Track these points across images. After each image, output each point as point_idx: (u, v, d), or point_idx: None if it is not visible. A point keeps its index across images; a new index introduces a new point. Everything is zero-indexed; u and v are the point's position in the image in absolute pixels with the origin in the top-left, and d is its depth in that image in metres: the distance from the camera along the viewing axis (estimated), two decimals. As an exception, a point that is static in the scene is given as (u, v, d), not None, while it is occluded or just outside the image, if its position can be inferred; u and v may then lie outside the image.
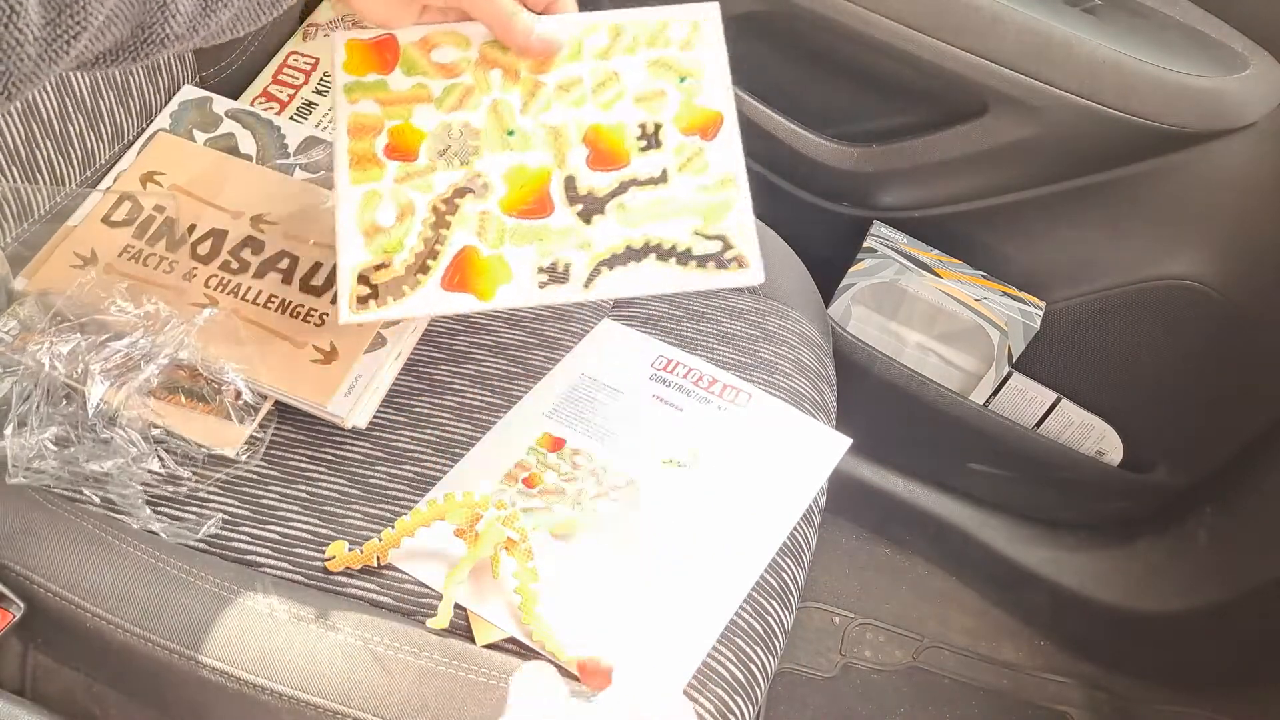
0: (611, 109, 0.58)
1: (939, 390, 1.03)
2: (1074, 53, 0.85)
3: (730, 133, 0.58)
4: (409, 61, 0.58)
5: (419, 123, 0.57)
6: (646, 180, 0.57)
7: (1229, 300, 0.93)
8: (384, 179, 0.57)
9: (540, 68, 0.58)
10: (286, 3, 0.49)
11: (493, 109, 0.58)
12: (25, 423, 0.61)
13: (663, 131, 0.58)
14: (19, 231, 0.71)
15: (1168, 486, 1.06)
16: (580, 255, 0.56)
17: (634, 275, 0.56)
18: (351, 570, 0.61)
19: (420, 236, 0.56)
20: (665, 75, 0.59)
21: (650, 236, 0.56)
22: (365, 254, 0.56)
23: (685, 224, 0.56)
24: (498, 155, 0.57)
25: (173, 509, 0.63)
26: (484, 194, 0.57)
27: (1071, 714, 1.11)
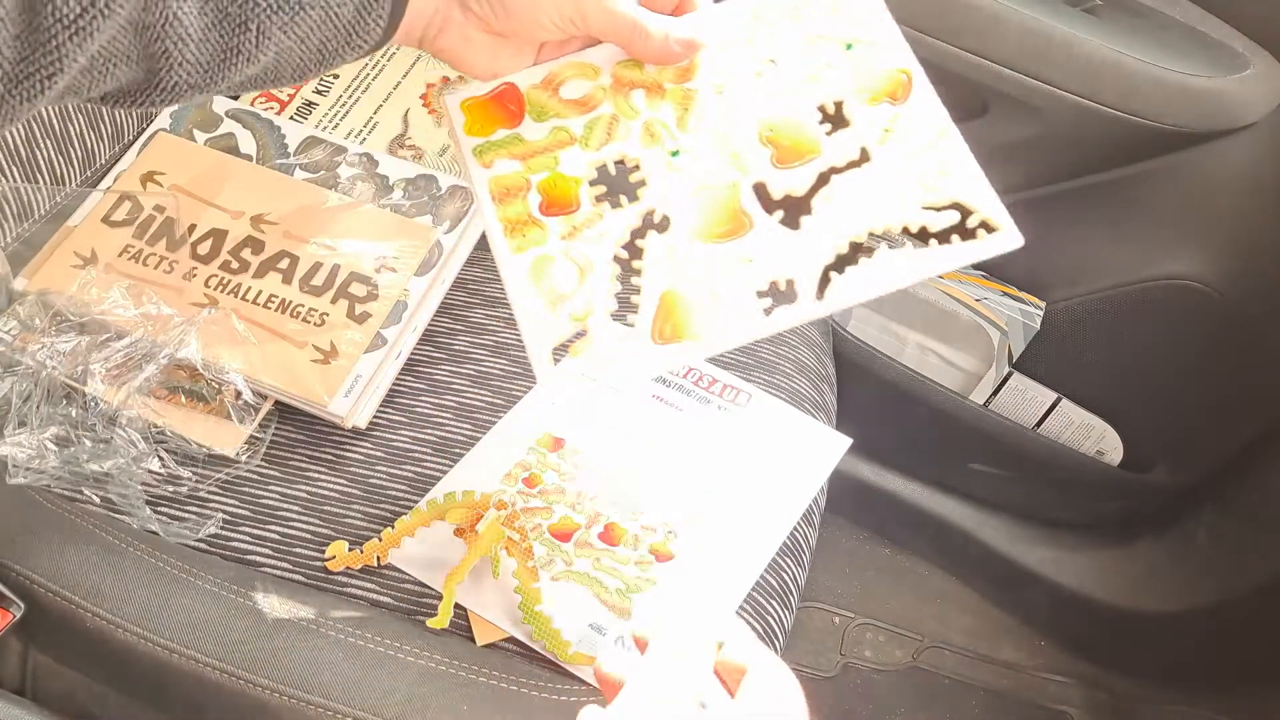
0: (780, 98, 0.50)
1: (939, 390, 1.03)
2: (1074, 53, 0.85)
3: (922, 88, 0.50)
4: (537, 106, 0.51)
5: (569, 169, 0.50)
6: (846, 165, 0.49)
7: (1229, 300, 0.93)
8: (549, 240, 0.49)
9: (685, 75, 0.51)
10: (330, 65, 0.44)
11: (646, 132, 0.50)
12: (25, 423, 0.62)
13: (846, 108, 0.50)
14: (19, 231, 0.71)
15: (1167, 486, 1.06)
16: (801, 266, 0.47)
17: (870, 273, 0.47)
18: (351, 570, 0.61)
19: (611, 293, 0.48)
20: (827, 46, 0.51)
21: (874, 225, 0.48)
22: (555, 328, 0.47)
23: (909, 200, 0.48)
24: (668, 181, 0.49)
25: (173, 509, 0.63)
26: (666, 226, 0.49)
27: (1071, 714, 1.11)
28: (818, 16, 0.52)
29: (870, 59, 0.50)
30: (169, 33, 0.36)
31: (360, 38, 0.43)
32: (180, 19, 0.36)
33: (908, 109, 0.50)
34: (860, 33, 0.51)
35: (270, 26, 0.39)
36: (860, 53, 0.51)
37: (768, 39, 0.51)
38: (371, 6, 0.42)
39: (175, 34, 0.37)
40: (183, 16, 0.37)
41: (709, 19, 0.51)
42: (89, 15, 0.33)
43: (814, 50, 0.51)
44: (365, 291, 0.69)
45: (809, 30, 0.51)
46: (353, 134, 0.81)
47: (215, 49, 0.39)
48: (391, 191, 0.76)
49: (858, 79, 0.50)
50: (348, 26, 0.42)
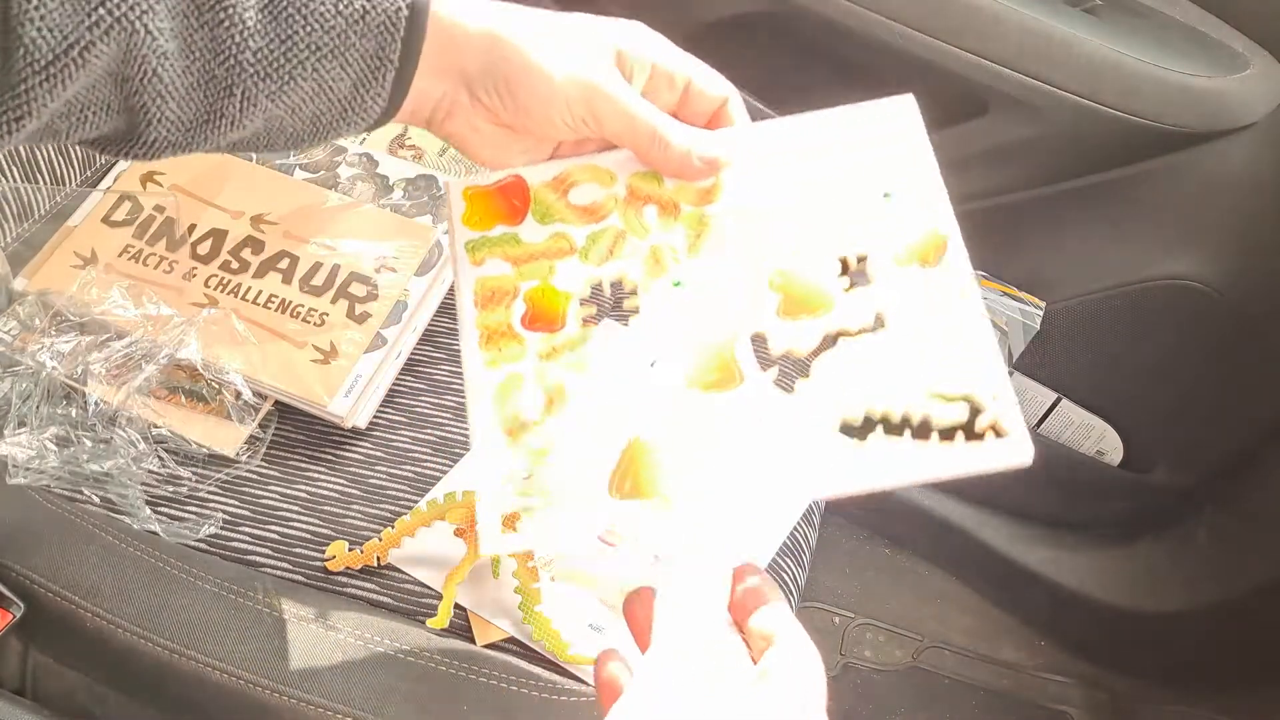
0: (800, 240, 0.45)
1: (939, 390, 1.03)
2: (1074, 53, 0.85)
3: (958, 256, 0.44)
4: (542, 207, 0.47)
5: (562, 283, 0.45)
6: (859, 330, 0.43)
7: (1229, 300, 0.93)
8: (525, 358, 0.44)
9: (705, 197, 0.46)
10: (327, 138, 0.42)
11: (652, 256, 0.45)
12: (25, 423, 0.62)
13: (870, 263, 0.44)
14: (19, 231, 0.71)
15: (1168, 486, 1.06)
16: (786, 439, 0.42)
17: (859, 462, 0.41)
18: (351, 570, 0.61)
19: (576, 429, 0.43)
20: (864, 191, 0.46)
21: (874, 406, 0.42)
22: (510, 462, 0.43)
23: (918, 383, 0.42)
24: (664, 313, 0.45)
25: (173, 509, 0.63)
26: (650, 364, 0.44)
27: (1071, 714, 1.11)
28: (861, 156, 0.46)
29: (908, 214, 0.45)
30: (147, 88, 0.35)
31: (357, 114, 0.41)
32: (160, 75, 0.35)
33: (935, 276, 0.44)
34: (903, 183, 0.46)
35: (257, 94, 0.37)
36: (898, 205, 0.45)
37: (802, 171, 0.46)
38: (370, 84, 0.39)
39: (154, 90, 0.35)
40: (163, 73, 0.35)
41: (742, 138, 0.46)
42: (61, 63, 0.32)
43: (849, 193, 0.46)
44: (365, 291, 0.69)
45: (848, 169, 0.46)
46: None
47: (199, 109, 0.37)
48: (391, 191, 0.76)
49: (889, 234, 0.45)
50: (343, 102, 0.40)
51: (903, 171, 0.46)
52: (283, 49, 0.37)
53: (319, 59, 0.38)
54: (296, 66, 0.38)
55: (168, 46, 0.35)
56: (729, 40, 0.95)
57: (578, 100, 0.42)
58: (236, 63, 0.36)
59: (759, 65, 0.97)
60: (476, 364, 0.45)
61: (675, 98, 0.45)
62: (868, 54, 0.91)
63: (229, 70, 0.37)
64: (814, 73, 0.97)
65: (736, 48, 0.96)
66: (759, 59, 0.97)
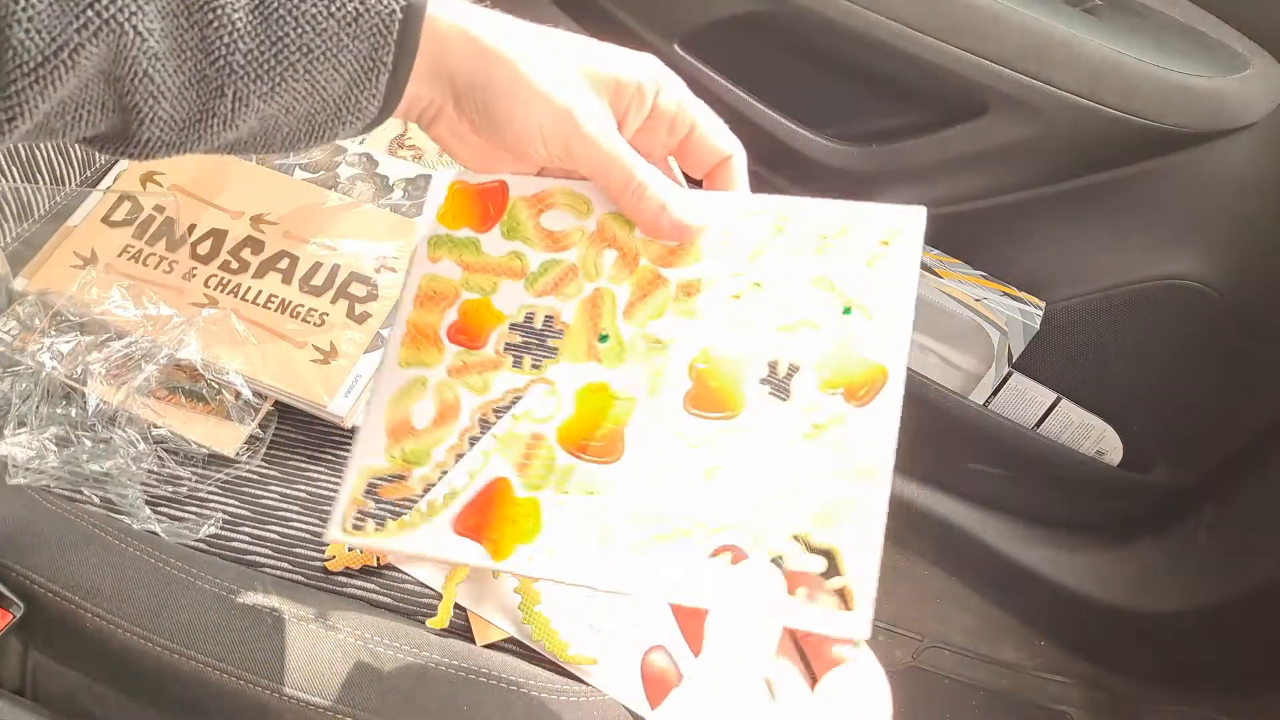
0: (741, 332, 0.42)
1: (939, 390, 1.03)
2: (1074, 53, 0.85)
3: (890, 402, 0.39)
4: (513, 221, 0.46)
5: (500, 303, 0.45)
6: (756, 442, 0.41)
7: (1229, 300, 0.93)
8: (437, 367, 0.44)
9: (667, 259, 0.43)
10: (324, 139, 0.42)
11: (590, 302, 0.44)
12: (25, 423, 0.62)
13: (798, 378, 0.41)
14: (19, 231, 0.71)
15: (1167, 486, 1.06)
16: (633, 527, 0.40)
17: (693, 575, 0.39)
18: (351, 570, 0.61)
19: (452, 451, 0.43)
20: (826, 299, 0.41)
21: (731, 523, 0.39)
22: (382, 459, 0.44)
23: (787, 519, 0.39)
24: (577, 365, 0.43)
25: (173, 509, 0.63)
26: (545, 412, 0.43)
27: (1071, 714, 1.11)
28: (840, 261, 0.42)
29: (859, 336, 0.40)
30: (138, 88, 0.35)
31: (352, 115, 0.40)
32: (151, 76, 0.35)
33: (858, 417, 0.39)
34: (869, 301, 0.41)
35: (248, 94, 0.37)
36: (854, 324, 0.41)
37: (775, 258, 0.43)
38: (364, 85, 0.39)
39: (145, 90, 0.35)
40: (154, 74, 0.35)
41: (729, 205, 0.44)
42: (51, 64, 0.32)
43: (811, 295, 0.42)
44: (365, 291, 0.69)
45: (820, 269, 0.42)
46: (353, 134, 0.81)
47: (191, 109, 0.37)
48: (391, 191, 0.76)
49: (831, 352, 0.41)
50: (337, 103, 0.40)
51: (875, 289, 0.41)
52: (273, 50, 0.37)
53: (310, 61, 0.38)
54: (288, 68, 0.37)
55: (158, 47, 0.35)
56: (729, 40, 0.95)
57: (554, 135, 0.41)
58: (227, 64, 0.36)
59: (759, 65, 0.97)
60: (393, 358, 0.45)
61: (674, 142, 0.44)
62: (868, 54, 0.91)
63: (219, 71, 0.36)
64: (814, 73, 0.97)
65: (736, 48, 0.96)
66: (759, 59, 0.97)
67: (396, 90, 0.40)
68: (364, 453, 0.44)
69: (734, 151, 0.44)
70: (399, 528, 0.43)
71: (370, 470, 0.44)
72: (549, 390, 0.43)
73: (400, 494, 0.43)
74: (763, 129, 0.99)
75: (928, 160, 0.96)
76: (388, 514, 0.43)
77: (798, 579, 0.37)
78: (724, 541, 0.39)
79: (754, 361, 0.41)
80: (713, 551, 0.39)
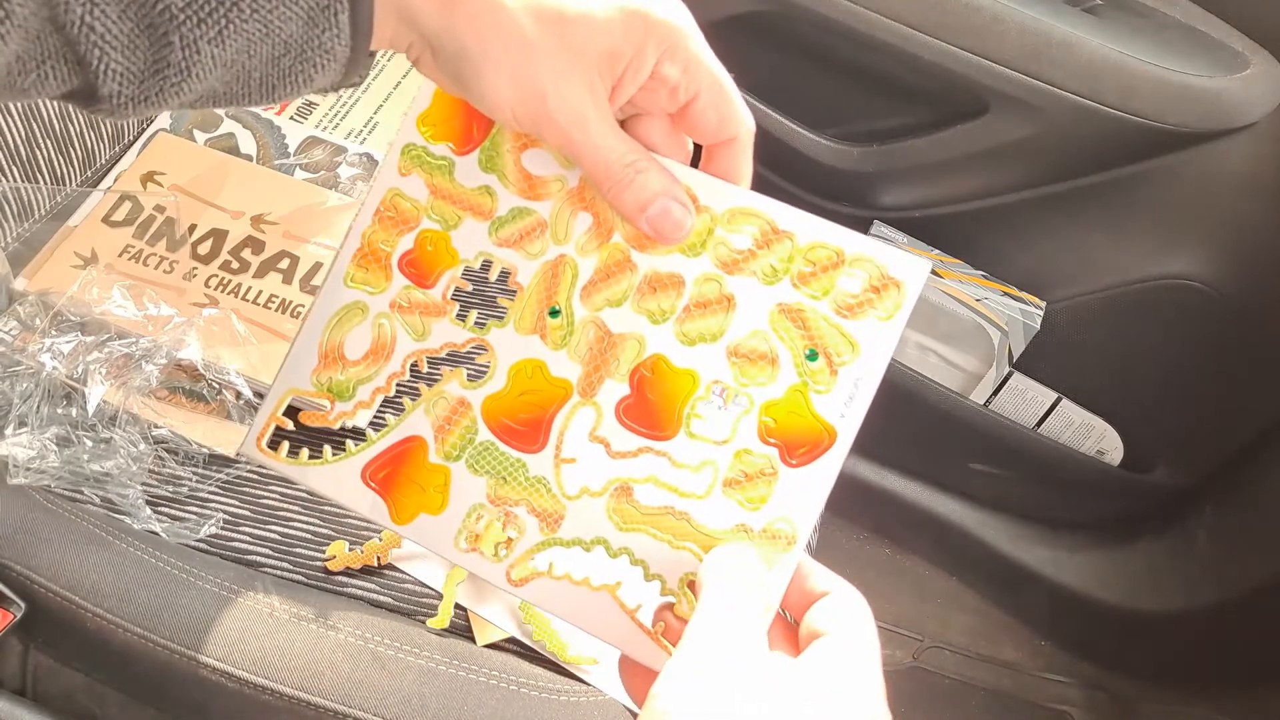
0: (695, 347, 0.39)
1: (939, 390, 1.03)
2: (1074, 53, 0.85)
3: (826, 471, 0.37)
4: (493, 150, 0.42)
5: (460, 242, 0.42)
6: (681, 464, 0.39)
7: (1229, 300, 0.93)
8: (381, 295, 0.42)
9: (642, 241, 0.40)
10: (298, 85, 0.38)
11: (551, 268, 0.41)
12: (26, 423, 0.62)
13: (741, 415, 0.38)
14: (19, 231, 0.71)
15: (1168, 486, 1.06)
16: (529, 527, 0.40)
17: (576, 594, 0.39)
18: (352, 570, 0.61)
19: (378, 393, 0.41)
20: (794, 335, 0.38)
21: (632, 550, 0.38)
22: (309, 382, 0.42)
23: (682, 560, 0.38)
24: (522, 336, 0.41)
25: (173, 509, 0.63)
26: (477, 378, 0.41)
27: (1072, 714, 1.11)
28: (826, 297, 0.38)
29: (817, 387, 0.38)
30: (83, 38, 0.33)
31: (320, 55, 0.37)
32: (92, 25, 0.33)
33: (788, 479, 0.37)
34: (841, 352, 0.38)
35: (197, 39, 0.34)
36: (816, 371, 0.38)
37: (753, 274, 0.39)
38: (323, 21, 0.36)
39: (90, 40, 0.33)
40: (95, 23, 0.33)
41: (723, 199, 0.40)
42: None
43: (780, 326, 0.39)
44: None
45: (801, 301, 0.38)
46: (353, 134, 0.81)
47: (145, 59, 0.34)
48: (392, 191, 0.76)
49: (783, 397, 0.38)
50: (299, 44, 0.36)
51: (850, 340, 0.38)
52: None
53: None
54: (231, 9, 0.34)
55: None
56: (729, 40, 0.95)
57: (525, 117, 0.38)
58: (165, 8, 0.33)
59: (759, 65, 0.97)
60: (340, 272, 0.43)
61: (673, 108, 0.40)
62: (868, 54, 0.91)
63: (162, 16, 0.34)
64: (814, 73, 0.97)
65: (736, 48, 0.96)
66: (759, 59, 0.97)
67: (363, 28, 0.36)
68: (293, 370, 0.42)
69: (737, 134, 0.40)
70: (310, 460, 0.41)
71: (295, 390, 0.42)
72: (486, 355, 0.41)
73: (318, 422, 0.42)
74: (762, 129, 0.99)
75: (928, 160, 0.96)
76: (303, 441, 0.42)
77: (668, 618, 0.37)
78: (619, 566, 0.38)
79: (700, 382, 0.39)
80: (602, 585, 0.39)
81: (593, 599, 0.39)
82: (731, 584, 0.35)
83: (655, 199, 0.39)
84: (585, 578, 0.39)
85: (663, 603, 0.38)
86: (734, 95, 0.40)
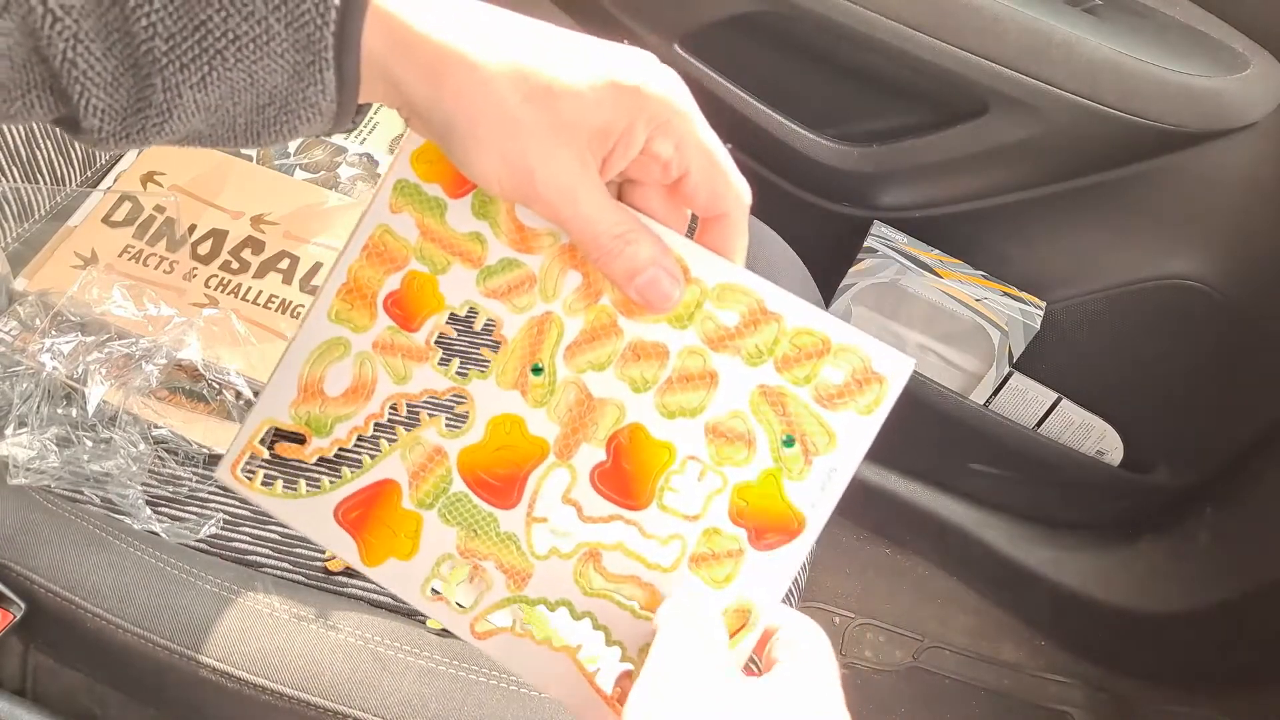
0: (674, 420, 0.39)
1: (939, 390, 1.03)
2: (1074, 53, 0.85)
3: (792, 558, 0.38)
4: (486, 197, 0.41)
5: (447, 287, 0.41)
6: (646, 544, 0.39)
7: (1229, 300, 0.93)
8: (364, 334, 0.41)
9: (630, 307, 0.40)
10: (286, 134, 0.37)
11: (537, 325, 0.40)
12: (26, 423, 0.62)
13: (714, 493, 0.39)
14: (19, 231, 0.71)
15: (1168, 487, 1.06)
16: (496, 582, 0.40)
17: (537, 653, 0.39)
18: (352, 570, 0.61)
19: (354, 432, 0.41)
20: (771, 421, 0.39)
21: (595, 616, 0.39)
22: (287, 414, 0.42)
23: (640, 633, 0.38)
24: (502, 390, 0.40)
25: (173, 509, 0.63)
26: (455, 427, 0.41)
27: (1072, 714, 1.11)
28: (809, 385, 0.38)
29: (791, 474, 0.38)
30: (64, 72, 0.32)
31: (305, 109, 0.36)
32: (75, 61, 0.32)
33: (754, 562, 0.38)
34: (818, 443, 0.38)
35: (179, 84, 0.34)
36: (790, 459, 0.38)
37: (738, 353, 0.39)
38: (307, 77, 0.35)
39: (72, 75, 0.33)
40: (78, 59, 0.32)
41: (715, 273, 0.39)
42: None
43: (760, 409, 0.39)
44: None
45: (784, 385, 0.39)
46: (353, 134, 0.81)
47: (128, 98, 0.34)
48: (391, 192, 0.76)
49: (757, 480, 0.38)
50: (283, 96, 0.35)
51: (828, 431, 0.38)
52: (195, 36, 0.33)
53: (239, 49, 0.34)
54: (215, 56, 0.34)
55: (78, 27, 0.32)
56: (729, 40, 0.95)
57: (512, 191, 0.37)
58: (149, 50, 0.33)
59: (759, 65, 0.97)
60: (324, 306, 0.42)
61: (667, 182, 0.39)
62: (868, 54, 0.91)
63: (145, 58, 0.33)
64: (814, 73, 0.97)
65: (736, 48, 0.96)
66: (759, 59, 0.97)
67: (349, 87, 0.36)
68: (272, 401, 0.42)
69: (729, 210, 0.39)
70: (284, 493, 0.41)
71: (272, 421, 0.42)
72: (465, 405, 0.41)
73: (294, 455, 0.42)
74: (763, 129, 0.99)
75: (928, 160, 0.96)
76: (278, 473, 0.42)
77: (626, 685, 0.38)
78: (581, 630, 0.39)
79: (676, 456, 0.39)
80: (563, 646, 0.39)
81: (553, 659, 0.39)
82: (691, 617, 0.36)
83: (645, 269, 0.38)
84: (547, 638, 0.39)
85: (622, 670, 0.38)
86: (728, 170, 0.39)
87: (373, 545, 0.41)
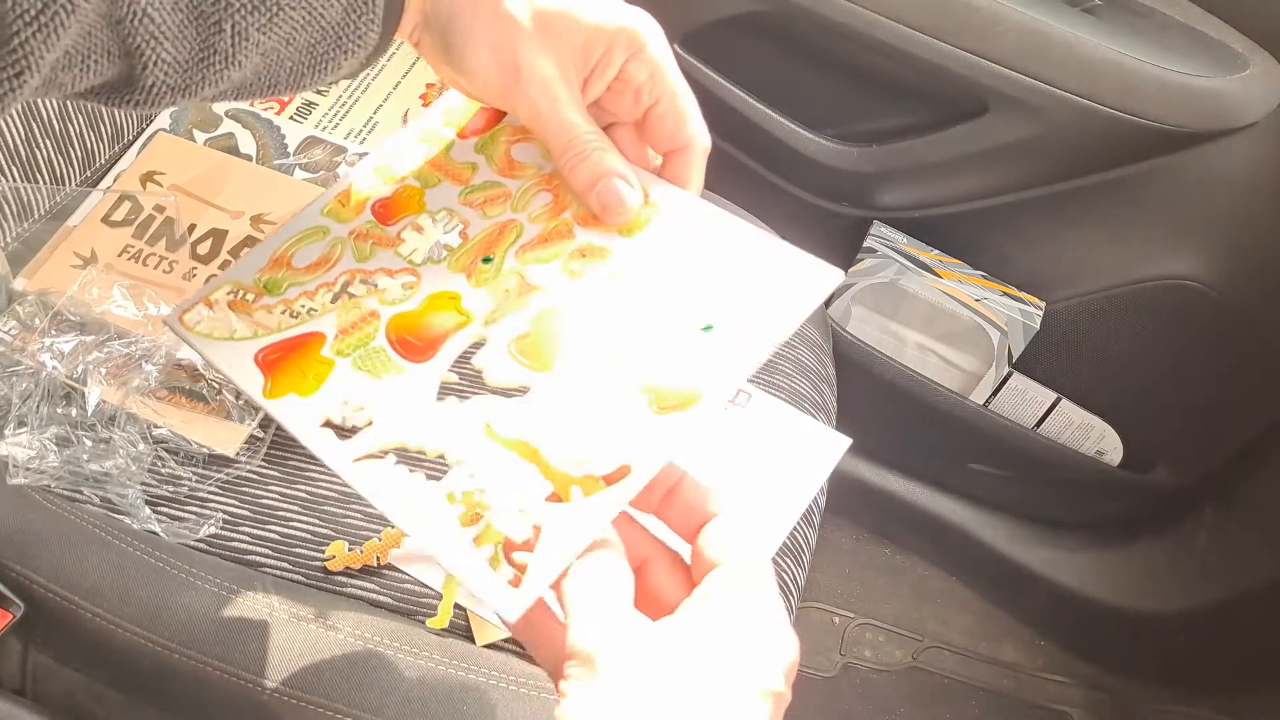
0: (604, 311, 0.41)
1: (939, 390, 1.03)
2: (1074, 53, 0.85)
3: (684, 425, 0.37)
4: (490, 139, 0.47)
5: (430, 198, 0.46)
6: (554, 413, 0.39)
7: (1229, 300, 0.93)
8: (344, 225, 0.46)
9: (589, 220, 0.43)
10: (326, 71, 0.41)
11: (499, 227, 0.44)
12: (25, 423, 0.62)
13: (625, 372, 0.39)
14: (19, 231, 0.71)
15: (1168, 486, 1.06)
16: (399, 426, 0.39)
17: (419, 505, 0.38)
18: (351, 570, 0.61)
19: (304, 296, 0.43)
20: (693, 311, 0.40)
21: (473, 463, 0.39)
22: (249, 278, 0.45)
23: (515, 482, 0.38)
24: (451, 274, 0.43)
25: (173, 509, 0.63)
26: (394, 297, 0.43)
27: (1072, 714, 1.11)
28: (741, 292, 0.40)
29: (704, 359, 0.38)
30: (139, 29, 0.35)
31: (353, 41, 0.40)
32: (151, 16, 0.35)
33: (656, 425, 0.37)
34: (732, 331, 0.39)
35: (248, 27, 0.37)
36: (711, 342, 0.39)
37: (678, 265, 0.41)
38: (361, 8, 0.39)
39: (147, 30, 0.35)
40: (153, 13, 0.35)
41: (669, 199, 0.42)
42: (50, 10, 0.32)
43: (685, 301, 0.40)
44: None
45: (707, 278, 0.40)
46: (353, 134, 0.81)
47: (192, 49, 0.37)
48: (391, 191, 0.76)
49: (664, 368, 0.38)
50: (336, 29, 0.39)
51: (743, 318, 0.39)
52: None
53: None
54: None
55: None
56: (729, 40, 0.95)
57: (500, 88, 0.41)
58: None
59: (759, 65, 0.97)
60: (318, 206, 0.46)
61: (638, 112, 0.43)
62: (868, 54, 0.91)
63: (215, 5, 0.36)
64: (814, 73, 0.97)
65: (736, 48, 0.96)
66: (759, 59, 0.97)
67: (394, 11, 0.40)
68: (241, 268, 0.45)
69: (690, 143, 0.42)
70: (216, 336, 0.43)
71: (236, 283, 0.45)
72: (412, 282, 0.43)
73: (242, 310, 0.44)
74: (763, 129, 0.99)
75: (928, 160, 0.96)
76: (219, 324, 0.44)
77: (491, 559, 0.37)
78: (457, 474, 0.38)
79: (596, 336, 0.40)
80: (450, 495, 0.38)
81: (423, 491, 0.38)
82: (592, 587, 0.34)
83: (608, 175, 0.41)
84: (419, 474, 0.38)
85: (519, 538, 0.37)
86: (692, 107, 0.43)
87: (279, 381, 0.42)
